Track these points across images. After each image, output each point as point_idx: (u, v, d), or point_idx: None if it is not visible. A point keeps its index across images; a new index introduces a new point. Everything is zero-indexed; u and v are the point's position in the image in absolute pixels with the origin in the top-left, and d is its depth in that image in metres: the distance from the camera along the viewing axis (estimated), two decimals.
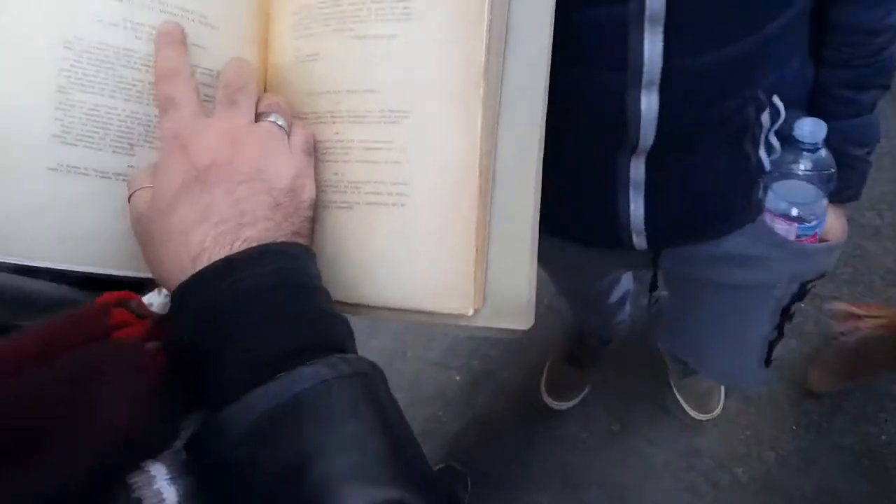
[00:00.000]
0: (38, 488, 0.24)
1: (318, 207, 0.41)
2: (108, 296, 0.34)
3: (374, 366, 0.34)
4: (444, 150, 0.40)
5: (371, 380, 0.33)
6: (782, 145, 0.65)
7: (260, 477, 0.29)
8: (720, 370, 1.11)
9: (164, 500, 0.28)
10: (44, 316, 0.34)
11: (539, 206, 0.42)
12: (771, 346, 0.95)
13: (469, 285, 0.40)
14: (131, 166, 0.40)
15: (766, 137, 0.65)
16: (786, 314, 0.89)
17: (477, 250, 0.40)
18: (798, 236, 0.68)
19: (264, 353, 0.32)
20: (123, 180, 0.40)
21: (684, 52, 0.54)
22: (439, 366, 1.57)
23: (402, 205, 0.41)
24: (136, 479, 0.28)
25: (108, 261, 0.41)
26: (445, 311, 0.41)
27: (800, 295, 0.85)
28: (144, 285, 0.42)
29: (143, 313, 0.36)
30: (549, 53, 0.40)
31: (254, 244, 0.34)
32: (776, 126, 0.64)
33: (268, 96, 0.40)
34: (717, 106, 0.59)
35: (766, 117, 0.62)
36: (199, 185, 0.35)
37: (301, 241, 0.37)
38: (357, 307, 0.43)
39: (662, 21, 0.51)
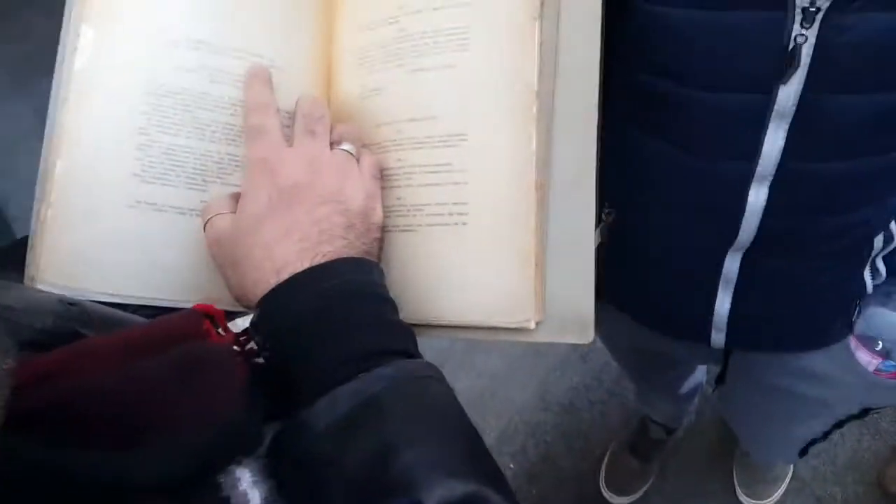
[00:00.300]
0: (142, 471, 0.25)
1: (383, 231, 0.43)
2: (199, 307, 0.35)
3: (439, 370, 0.36)
4: (500, 168, 0.42)
5: (440, 382, 0.35)
6: (889, 271, 0.62)
7: (345, 468, 0.30)
8: (753, 444, 1.08)
9: (248, 501, 0.29)
10: None
11: (595, 221, 0.43)
12: (813, 442, 0.92)
13: (530, 299, 0.41)
14: (204, 202, 0.42)
15: (874, 260, 0.61)
16: (839, 426, 0.86)
17: (536, 264, 0.41)
18: (878, 370, 0.65)
19: (346, 355, 0.34)
20: (197, 215, 0.42)
21: (805, 156, 0.51)
22: (493, 452, 1.49)
23: (464, 224, 0.42)
24: (224, 480, 0.28)
25: (182, 293, 0.42)
26: (508, 325, 0.42)
27: (859, 416, 0.81)
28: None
29: (224, 331, 0.37)
30: (599, 71, 0.42)
31: (332, 259, 0.37)
32: (887, 250, 0.61)
33: (339, 126, 0.43)
34: (829, 217, 0.55)
35: (879, 240, 0.59)
36: (283, 205, 0.38)
37: (371, 259, 0.40)
38: (420, 327, 0.44)
39: (789, 119, 0.49)
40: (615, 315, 0.74)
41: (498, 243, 0.42)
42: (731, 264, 0.60)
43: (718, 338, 0.67)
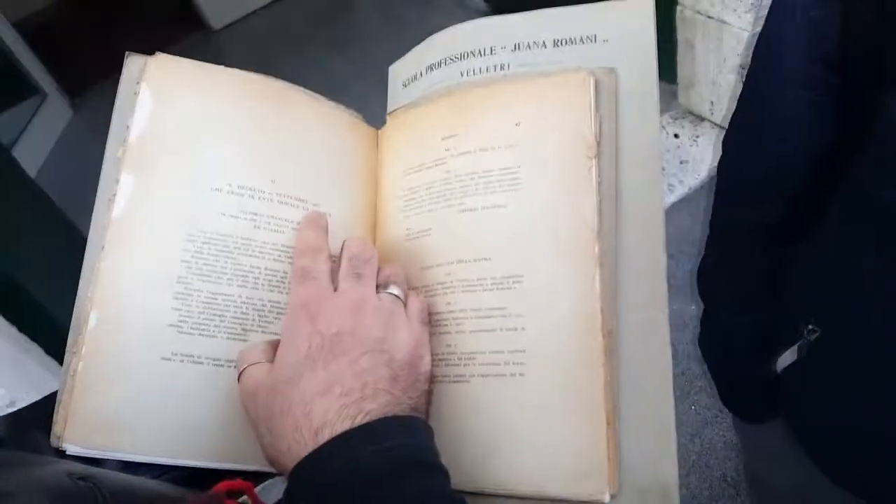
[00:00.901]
0: None
1: (431, 382, 0.39)
2: (222, 485, 0.31)
3: None
4: (560, 312, 0.38)
5: None
6: None
7: None
8: None
9: None
10: None
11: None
12: None
13: (602, 465, 0.36)
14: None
15: None
16: None
17: (608, 423, 0.36)
18: None
19: None
20: (236, 367, 0.39)
21: None
22: None
23: (521, 374, 0.38)
24: None
25: (217, 453, 0.39)
26: (577, 497, 0.36)
27: None
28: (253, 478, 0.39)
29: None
30: (662, 209, 0.39)
31: (375, 418, 0.33)
32: None
33: (386, 267, 0.41)
34: None
35: None
36: (324, 355, 0.35)
37: (419, 416, 0.36)
38: (477, 496, 0.38)
39: None
40: (784, 447, 0.63)
41: (561, 399, 0.37)
42: None
43: None
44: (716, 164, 1.84)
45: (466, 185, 0.41)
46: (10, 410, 0.41)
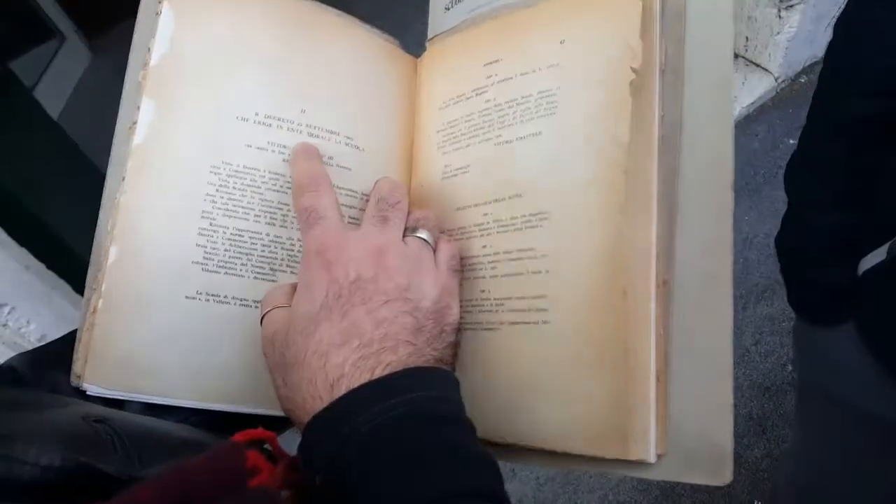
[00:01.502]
0: None
1: (462, 330, 0.37)
2: (242, 435, 0.30)
3: None
4: (587, 255, 0.35)
5: None
6: None
7: None
8: None
9: None
10: (168, 462, 0.30)
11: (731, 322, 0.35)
12: None
13: (647, 425, 0.32)
14: None
15: None
16: None
17: (658, 380, 0.33)
18: None
19: (414, 497, 0.27)
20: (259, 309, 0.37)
21: None
22: None
23: (545, 322, 0.35)
24: None
25: (243, 397, 0.37)
26: (619, 456, 0.33)
27: None
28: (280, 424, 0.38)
29: (277, 455, 0.31)
30: (732, 146, 0.35)
31: (395, 370, 0.31)
32: None
33: (416, 211, 0.38)
34: None
35: None
36: (341, 304, 0.32)
37: (442, 367, 0.33)
38: (507, 448, 0.36)
39: None
40: (850, 353, 0.64)
41: (592, 349, 0.34)
42: None
43: None
44: (748, 102, 1.79)
45: (505, 114, 0.38)
46: (40, 345, 0.40)
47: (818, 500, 0.92)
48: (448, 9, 0.44)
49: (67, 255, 1.22)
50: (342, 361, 0.31)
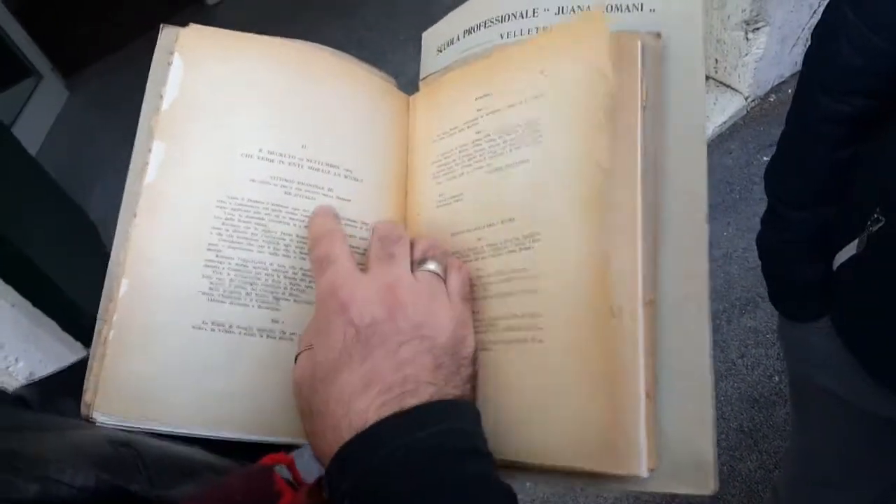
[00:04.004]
0: None
1: (476, 364, 0.38)
2: (269, 459, 0.31)
3: None
4: (574, 274, 0.36)
5: None
6: None
7: None
8: None
9: None
10: (187, 483, 0.31)
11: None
12: None
13: (639, 441, 0.34)
14: (275, 321, 0.39)
15: None
16: None
17: (648, 397, 0.35)
18: None
19: None
20: (268, 336, 0.39)
21: None
22: None
23: (540, 340, 0.37)
24: None
25: (250, 425, 0.38)
26: (613, 471, 0.35)
27: None
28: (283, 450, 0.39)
29: (296, 479, 0.32)
30: (706, 176, 0.37)
31: None
32: None
33: (421, 241, 0.39)
34: None
35: None
36: (359, 348, 0.33)
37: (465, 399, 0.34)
38: (508, 469, 0.38)
39: None
40: (828, 347, 0.66)
41: (583, 365, 0.36)
42: None
43: None
44: (720, 121, 1.84)
45: (496, 143, 0.40)
46: (32, 381, 0.41)
47: (815, 491, 0.95)
48: (440, 51, 0.47)
49: (52, 291, 1.21)
50: (364, 409, 0.31)
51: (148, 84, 0.40)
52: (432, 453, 0.30)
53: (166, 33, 0.41)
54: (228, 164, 0.39)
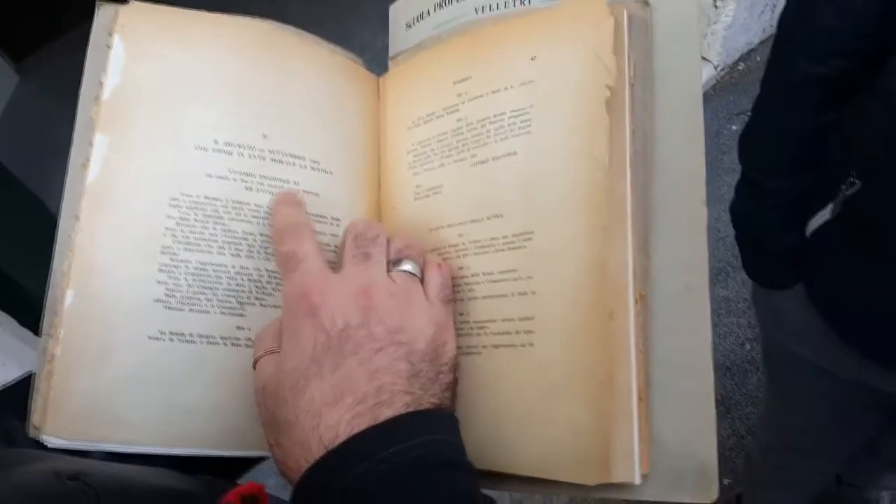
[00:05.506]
0: None
1: (456, 371, 0.35)
2: (234, 495, 0.28)
3: None
4: (571, 273, 0.34)
5: None
6: None
7: None
8: None
9: None
10: None
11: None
12: None
13: (630, 445, 0.32)
14: (240, 327, 0.36)
15: None
16: None
17: (640, 399, 0.32)
18: None
19: None
20: (232, 344, 0.36)
21: None
22: None
23: (531, 344, 0.34)
24: None
25: (214, 440, 0.36)
26: (605, 480, 0.32)
27: None
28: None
29: None
30: (704, 157, 0.35)
31: None
32: None
33: (397, 240, 0.36)
34: None
35: None
36: (331, 356, 0.30)
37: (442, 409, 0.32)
38: (494, 478, 0.35)
39: None
40: (800, 313, 0.67)
41: (577, 368, 0.33)
42: None
43: None
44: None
45: (479, 133, 0.37)
46: None
47: (790, 457, 0.97)
48: (410, 26, 0.43)
49: (9, 287, 1.16)
50: (336, 422, 0.28)
51: (86, 70, 0.36)
52: (408, 469, 0.27)
53: (104, 12, 0.37)
54: (181, 157, 0.36)
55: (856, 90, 0.60)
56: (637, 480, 0.32)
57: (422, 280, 0.35)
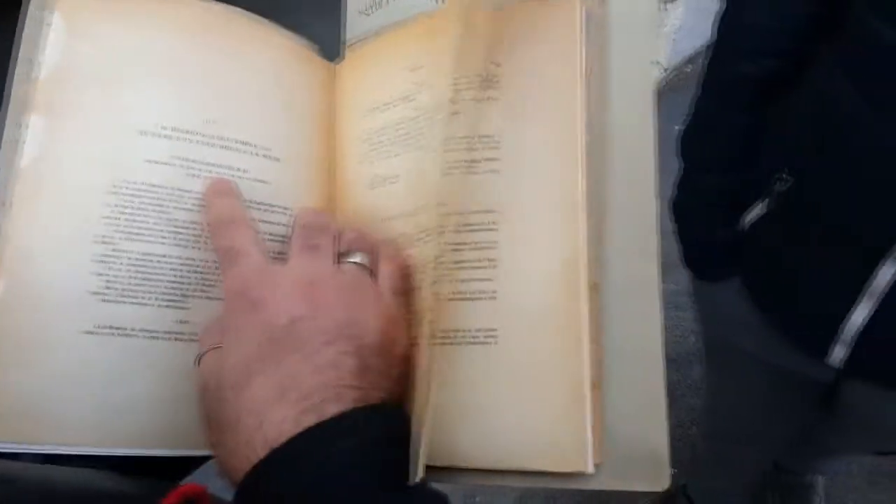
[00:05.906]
0: None
1: (408, 363, 0.35)
2: (174, 496, 0.27)
3: None
4: (537, 265, 0.34)
5: None
6: None
7: None
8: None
9: None
10: None
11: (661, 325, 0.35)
12: None
13: (583, 435, 0.32)
14: (183, 321, 0.35)
15: None
16: None
17: (593, 389, 0.33)
18: None
19: None
20: (175, 339, 0.34)
21: None
22: None
23: (493, 335, 0.34)
24: None
25: (155, 439, 0.34)
26: (558, 469, 0.33)
27: None
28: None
29: None
30: (654, 149, 0.36)
31: None
32: None
33: (346, 232, 0.35)
34: None
35: None
36: (275, 352, 0.29)
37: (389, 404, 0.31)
38: (451, 471, 0.35)
39: None
40: (745, 306, 0.70)
41: (539, 359, 0.33)
42: (885, 274, 0.55)
43: (839, 354, 0.62)
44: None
45: (437, 123, 0.37)
46: None
47: (730, 445, 1.01)
48: (366, 14, 0.42)
49: None
50: (280, 419, 0.27)
51: (20, 48, 0.34)
52: (357, 467, 0.27)
53: None
54: (121, 142, 0.34)
55: (787, 89, 0.62)
56: (590, 469, 0.32)
57: (375, 272, 0.34)
